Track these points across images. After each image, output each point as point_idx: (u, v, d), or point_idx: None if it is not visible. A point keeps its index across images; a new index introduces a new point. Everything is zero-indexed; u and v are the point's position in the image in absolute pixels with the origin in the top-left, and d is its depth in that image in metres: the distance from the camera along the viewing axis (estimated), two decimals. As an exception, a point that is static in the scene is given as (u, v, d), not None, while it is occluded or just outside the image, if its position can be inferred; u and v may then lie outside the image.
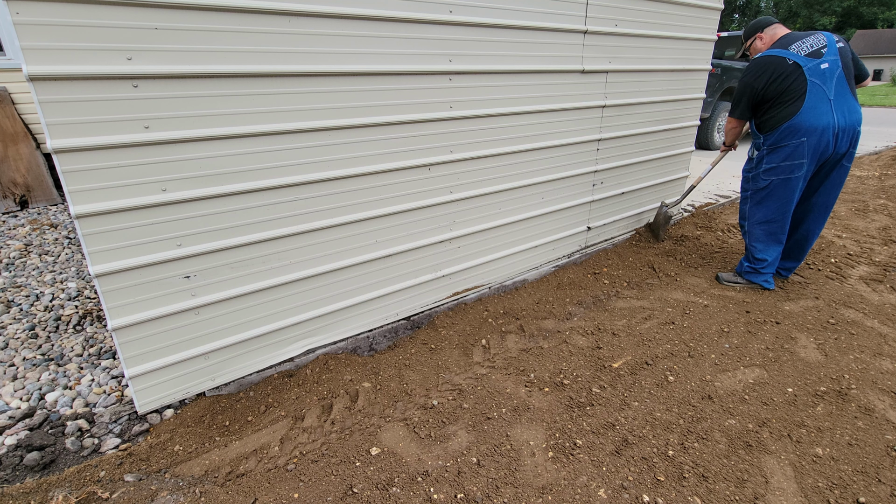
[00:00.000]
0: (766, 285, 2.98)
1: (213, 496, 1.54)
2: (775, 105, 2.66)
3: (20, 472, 1.62)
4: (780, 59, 2.61)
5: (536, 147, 2.70)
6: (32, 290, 2.99)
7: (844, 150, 2.65)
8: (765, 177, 2.80)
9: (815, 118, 2.56)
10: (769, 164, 2.76)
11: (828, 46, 2.59)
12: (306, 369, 2.15)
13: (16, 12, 1.32)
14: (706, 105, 6.80)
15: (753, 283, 3.02)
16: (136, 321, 1.72)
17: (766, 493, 1.55)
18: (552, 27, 2.51)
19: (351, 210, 2.10)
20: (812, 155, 2.63)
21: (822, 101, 2.56)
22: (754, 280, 3.01)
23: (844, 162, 2.70)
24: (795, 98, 2.59)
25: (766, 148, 2.77)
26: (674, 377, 2.13)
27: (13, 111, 4.68)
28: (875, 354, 2.31)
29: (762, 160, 2.80)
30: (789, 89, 2.59)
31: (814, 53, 2.57)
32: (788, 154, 2.67)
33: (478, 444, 1.75)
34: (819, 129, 2.57)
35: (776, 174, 2.75)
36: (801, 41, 2.64)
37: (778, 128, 2.66)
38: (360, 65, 1.93)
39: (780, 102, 2.64)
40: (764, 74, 2.64)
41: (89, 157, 1.50)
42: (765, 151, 2.78)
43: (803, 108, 2.57)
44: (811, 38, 2.66)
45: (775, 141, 2.70)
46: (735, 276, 3.10)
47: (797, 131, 2.61)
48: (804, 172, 2.68)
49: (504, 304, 2.76)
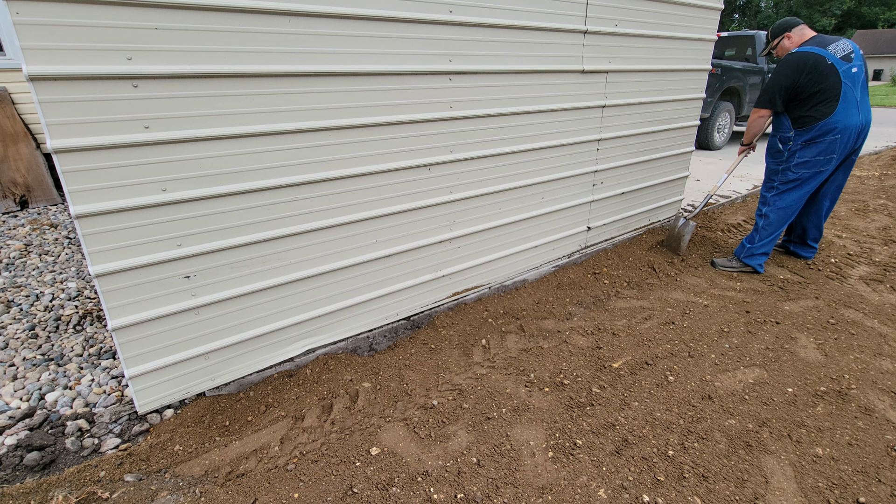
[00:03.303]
0: (759, 269, 3.20)
1: (213, 496, 1.54)
2: (813, 102, 2.80)
3: (20, 472, 1.62)
4: (820, 58, 2.73)
5: (536, 147, 2.70)
6: (32, 290, 2.99)
7: (860, 144, 2.93)
8: (795, 170, 2.96)
9: (847, 117, 2.77)
10: (802, 159, 2.92)
11: (854, 52, 2.78)
12: (306, 369, 2.15)
13: (16, 12, 1.32)
14: (706, 105, 6.80)
15: (749, 265, 3.20)
16: (136, 321, 1.72)
17: (766, 493, 1.55)
18: (552, 27, 2.51)
19: (351, 210, 2.10)
20: (841, 151, 2.86)
21: (851, 102, 2.77)
22: (752, 263, 3.18)
23: (853, 156, 3.00)
24: (832, 97, 2.75)
25: (799, 143, 2.91)
26: (674, 377, 2.13)
27: (13, 111, 4.68)
28: (875, 354, 2.31)
29: (794, 154, 2.95)
30: (827, 88, 2.74)
31: (845, 57, 2.75)
32: (823, 150, 2.84)
33: (478, 444, 1.75)
34: (850, 128, 2.79)
35: (808, 168, 2.92)
36: (835, 44, 2.80)
37: (815, 124, 2.82)
38: (360, 65, 1.93)
39: (818, 100, 2.78)
40: (805, 69, 2.76)
41: (89, 157, 1.50)
42: (798, 146, 2.92)
43: (838, 108, 2.76)
44: (841, 43, 2.82)
45: (812, 137, 2.85)
46: (731, 261, 3.27)
47: (833, 129, 2.79)
48: (832, 167, 2.90)
49: (504, 304, 2.76)
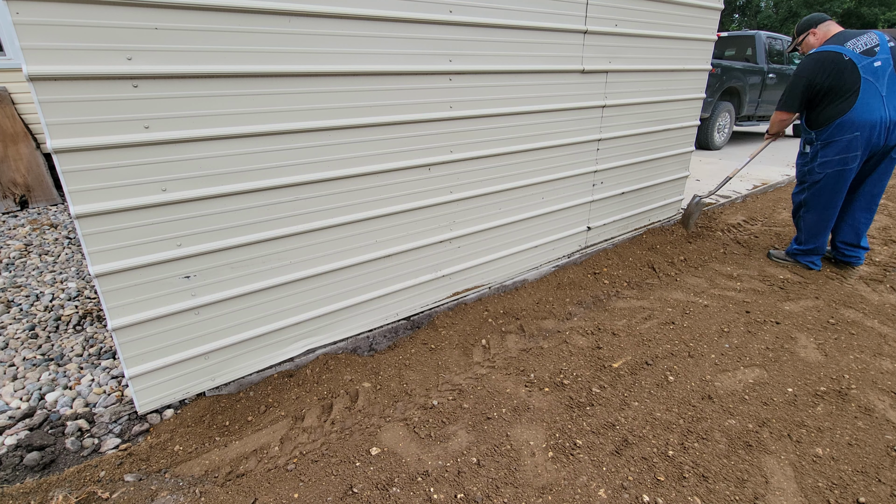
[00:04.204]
0: (812, 266, 3.22)
1: (213, 496, 1.54)
2: (829, 101, 2.80)
3: (20, 472, 1.62)
4: (837, 55, 2.72)
5: (536, 147, 2.70)
6: (32, 290, 2.99)
7: (894, 142, 2.80)
8: (819, 170, 2.96)
9: (868, 113, 2.71)
10: (824, 158, 2.92)
11: (880, 45, 2.72)
12: (306, 369, 2.15)
13: (16, 12, 1.32)
14: (706, 105, 6.80)
15: (801, 263, 3.26)
16: (136, 321, 1.72)
17: (766, 493, 1.55)
18: (552, 27, 2.51)
19: (351, 210, 2.10)
20: (865, 147, 2.80)
21: (874, 97, 2.71)
22: (802, 261, 3.25)
23: (893, 154, 2.86)
24: (849, 94, 2.73)
25: (819, 143, 2.91)
26: (674, 377, 2.13)
27: (13, 111, 4.68)
28: (875, 354, 2.31)
29: (817, 155, 2.95)
30: (843, 86, 2.73)
31: (868, 51, 2.70)
32: (842, 148, 2.82)
33: (478, 444, 1.75)
34: (871, 124, 2.73)
35: (830, 167, 2.91)
36: (856, 39, 2.76)
37: (831, 124, 2.81)
38: (360, 65, 1.93)
39: (834, 98, 2.77)
40: (822, 69, 2.75)
41: (89, 157, 1.50)
42: (818, 146, 2.92)
43: (857, 104, 2.72)
44: (864, 37, 2.77)
45: (829, 136, 2.85)
46: (785, 256, 3.36)
47: (851, 126, 2.76)
48: (857, 165, 2.86)
49: (504, 304, 2.76)
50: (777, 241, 3.79)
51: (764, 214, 4.57)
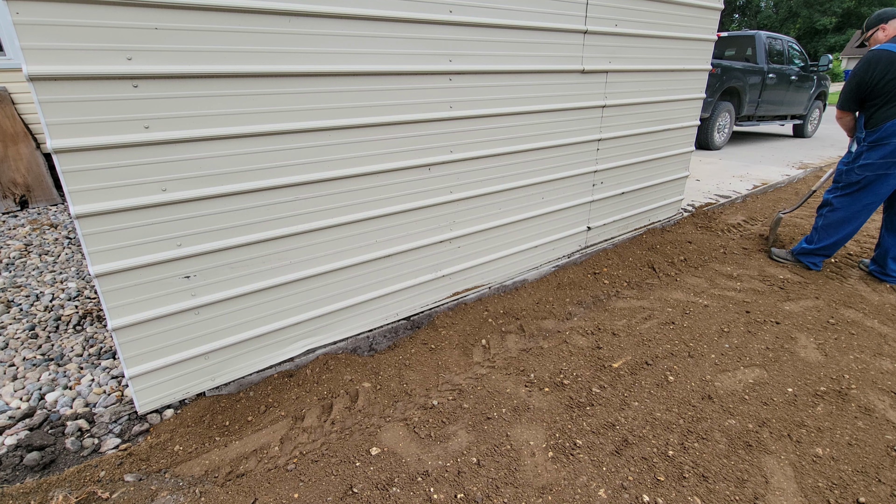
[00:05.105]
0: (812, 266, 3.13)
1: (213, 496, 1.54)
2: (882, 102, 2.65)
3: (20, 472, 1.62)
4: (893, 54, 2.56)
5: (536, 147, 2.70)
6: (32, 290, 2.99)
7: None
8: (859, 172, 2.82)
9: None
10: (866, 161, 2.78)
11: None
12: (306, 369, 2.15)
13: (16, 12, 1.32)
14: (706, 105, 6.80)
15: (802, 262, 3.17)
16: (136, 321, 1.72)
17: (766, 493, 1.55)
18: (552, 27, 2.51)
19: (351, 210, 2.10)
20: None
21: None
22: (804, 261, 3.15)
23: None
24: None
25: (865, 144, 2.77)
26: (674, 377, 2.13)
27: (13, 111, 4.68)
28: (875, 354, 2.31)
29: (860, 156, 2.81)
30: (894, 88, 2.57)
31: None
32: (888, 153, 2.67)
33: (478, 444, 1.75)
34: None
35: (871, 170, 2.77)
36: None
37: (882, 125, 2.66)
38: (360, 65, 1.93)
39: (887, 100, 2.63)
40: (875, 69, 2.61)
41: (89, 157, 1.50)
42: (864, 147, 2.78)
43: None
44: None
45: (877, 138, 2.70)
46: (787, 255, 3.28)
47: None
48: None
49: (504, 304, 2.76)
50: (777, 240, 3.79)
51: (764, 214, 4.57)
